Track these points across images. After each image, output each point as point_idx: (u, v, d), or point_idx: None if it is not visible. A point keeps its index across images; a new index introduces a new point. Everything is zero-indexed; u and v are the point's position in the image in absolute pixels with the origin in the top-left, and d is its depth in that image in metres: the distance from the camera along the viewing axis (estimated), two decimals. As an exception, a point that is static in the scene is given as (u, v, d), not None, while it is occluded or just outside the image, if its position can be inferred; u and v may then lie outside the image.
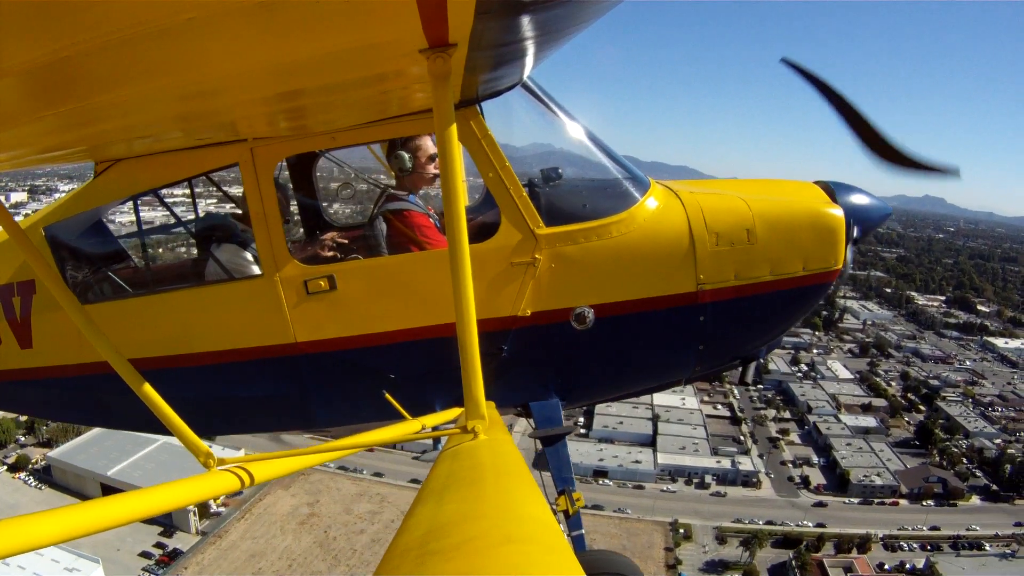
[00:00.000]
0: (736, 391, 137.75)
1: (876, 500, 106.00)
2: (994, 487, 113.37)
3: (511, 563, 1.51)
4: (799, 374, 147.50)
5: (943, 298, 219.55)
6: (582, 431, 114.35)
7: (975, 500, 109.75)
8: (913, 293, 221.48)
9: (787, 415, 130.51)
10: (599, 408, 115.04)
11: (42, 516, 2.13)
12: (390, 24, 2.47)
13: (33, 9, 1.77)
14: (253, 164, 4.52)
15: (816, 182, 5.33)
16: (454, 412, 4.09)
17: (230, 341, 4.80)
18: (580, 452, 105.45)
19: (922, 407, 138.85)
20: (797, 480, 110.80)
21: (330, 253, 5.03)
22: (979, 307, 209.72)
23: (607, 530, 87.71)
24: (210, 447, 3.71)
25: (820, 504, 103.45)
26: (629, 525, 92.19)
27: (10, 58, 2.08)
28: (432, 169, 5.11)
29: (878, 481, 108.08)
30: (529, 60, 3.91)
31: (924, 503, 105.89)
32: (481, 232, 4.60)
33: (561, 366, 5.00)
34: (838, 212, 4.92)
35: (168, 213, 5.16)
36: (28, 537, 2.02)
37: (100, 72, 2.44)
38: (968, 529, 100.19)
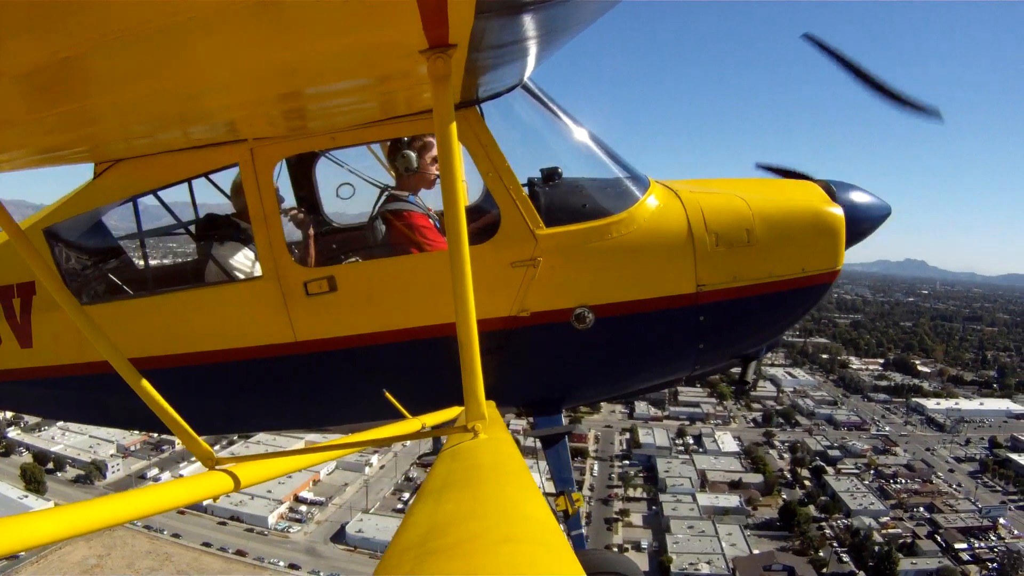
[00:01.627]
0: (595, 467, 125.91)
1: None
2: (860, 574, 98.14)
3: (511, 562, 1.50)
4: (680, 447, 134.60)
5: (881, 361, 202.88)
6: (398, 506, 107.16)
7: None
8: (851, 357, 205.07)
9: (640, 494, 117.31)
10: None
11: (43, 515, 2.17)
12: (390, 25, 2.47)
13: (33, 9, 1.75)
14: (253, 164, 4.51)
15: (816, 181, 5.27)
16: (454, 411, 4.05)
17: (230, 341, 4.78)
18: (379, 527, 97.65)
19: (808, 482, 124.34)
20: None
21: (330, 254, 5.11)
22: (919, 368, 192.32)
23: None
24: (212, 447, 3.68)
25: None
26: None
27: (10, 58, 2.08)
28: (433, 172, 5.07)
29: (705, 569, 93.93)
30: (529, 61, 3.93)
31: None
32: (481, 233, 4.63)
33: (561, 366, 4.98)
34: (838, 212, 4.87)
35: (168, 214, 5.17)
36: (29, 536, 2.07)
37: (100, 72, 2.45)
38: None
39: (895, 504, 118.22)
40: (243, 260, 5.06)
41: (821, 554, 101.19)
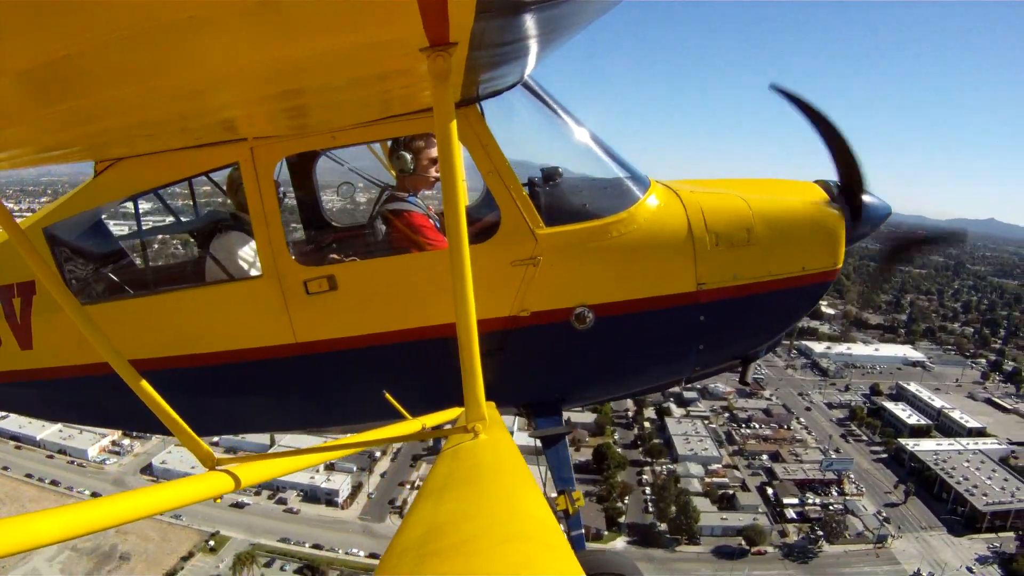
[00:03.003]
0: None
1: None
2: (662, 526, 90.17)
3: (511, 561, 1.51)
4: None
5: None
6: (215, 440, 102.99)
7: (619, 542, 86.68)
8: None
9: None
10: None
11: (42, 515, 2.21)
12: (391, 23, 2.47)
13: (33, 8, 1.76)
14: (253, 163, 4.49)
15: (816, 181, 5.26)
16: (454, 412, 4.08)
17: (230, 341, 4.78)
18: (182, 460, 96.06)
19: (648, 424, 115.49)
20: (399, 503, 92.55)
21: (330, 253, 5.12)
22: (823, 309, 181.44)
23: (146, 533, 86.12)
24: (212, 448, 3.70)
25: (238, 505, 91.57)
26: (173, 530, 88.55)
27: (10, 57, 2.08)
28: (434, 172, 5.08)
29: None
30: (530, 59, 3.96)
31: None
32: (481, 232, 4.62)
33: (561, 366, 4.98)
34: (838, 211, 4.90)
35: (168, 213, 5.22)
36: (29, 536, 2.10)
37: (100, 71, 2.46)
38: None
39: (736, 451, 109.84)
40: (248, 251, 5.06)
41: (627, 501, 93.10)
